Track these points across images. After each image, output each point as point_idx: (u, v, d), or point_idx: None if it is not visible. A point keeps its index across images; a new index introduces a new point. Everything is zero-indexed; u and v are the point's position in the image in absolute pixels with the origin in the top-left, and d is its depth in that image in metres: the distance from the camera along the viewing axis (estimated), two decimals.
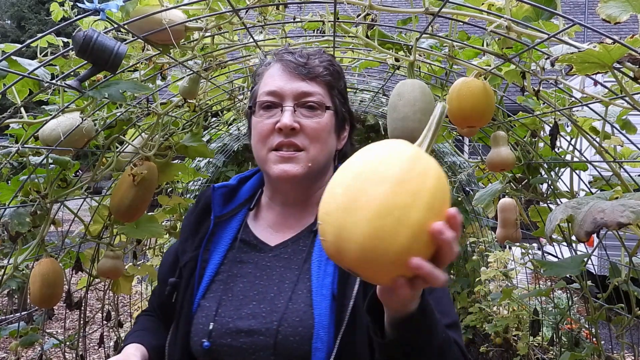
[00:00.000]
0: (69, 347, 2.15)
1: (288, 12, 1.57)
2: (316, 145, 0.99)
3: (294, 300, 0.93)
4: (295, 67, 1.01)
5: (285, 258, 1.02)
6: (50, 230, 1.70)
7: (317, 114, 1.00)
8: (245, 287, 0.99)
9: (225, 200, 1.10)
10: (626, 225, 0.89)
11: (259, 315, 0.94)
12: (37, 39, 1.38)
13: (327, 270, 0.94)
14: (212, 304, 0.98)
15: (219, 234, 1.07)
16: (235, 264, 1.03)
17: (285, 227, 1.06)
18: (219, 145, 3.85)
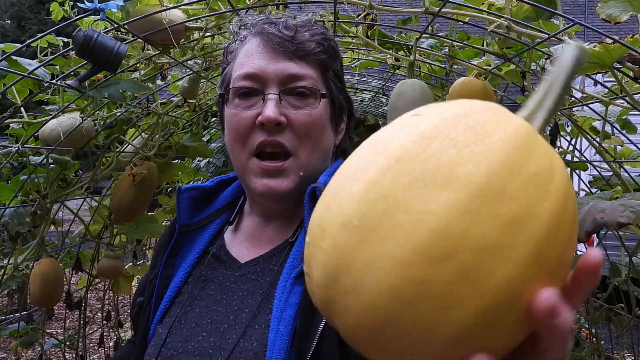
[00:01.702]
0: (69, 347, 2.16)
1: (288, 12, 1.57)
2: (307, 145, 0.77)
3: (247, 337, 0.72)
4: (280, 43, 0.78)
5: (252, 279, 0.80)
6: (50, 230, 1.70)
7: (309, 104, 0.77)
8: (202, 312, 0.79)
9: (196, 206, 0.89)
10: (626, 225, 0.89)
11: (205, 352, 0.74)
12: (37, 39, 1.38)
13: (290, 300, 0.70)
14: (164, 331, 0.79)
15: (187, 247, 0.87)
16: (199, 283, 0.83)
17: (264, 241, 0.84)
18: (219, 145, 3.85)
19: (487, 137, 0.33)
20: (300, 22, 0.83)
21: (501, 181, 0.31)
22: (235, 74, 0.80)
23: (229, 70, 0.83)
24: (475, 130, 0.33)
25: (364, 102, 3.21)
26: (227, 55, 0.87)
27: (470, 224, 0.30)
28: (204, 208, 0.89)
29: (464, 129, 0.33)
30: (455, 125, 0.34)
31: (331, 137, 0.84)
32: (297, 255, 0.75)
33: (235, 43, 0.85)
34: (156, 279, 0.85)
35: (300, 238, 0.78)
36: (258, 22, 0.84)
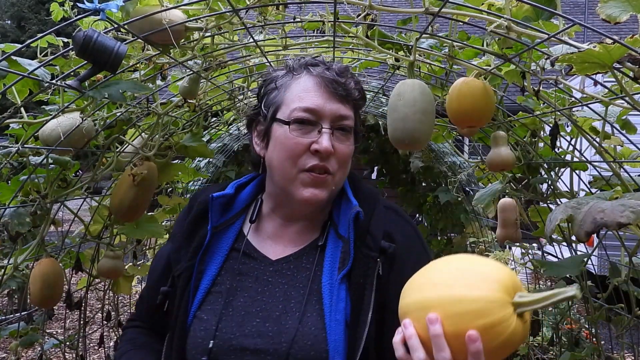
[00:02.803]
0: (69, 347, 2.16)
1: (288, 12, 1.57)
2: (342, 169, 0.98)
3: (304, 323, 0.90)
4: (336, 87, 0.95)
5: (288, 274, 0.97)
6: (50, 230, 1.70)
7: (349, 138, 0.98)
8: (247, 302, 0.95)
9: (222, 209, 1.03)
10: (626, 225, 0.89)
11: (265, 334, 0.91)
12: (37, 39, 1.38)
13: (340, 295, 0.91)
14: (210, 317, 0.94)
15: (215, 244, 1.01)
16: (234, 276, 0.98)
17: (286, 240, 1.02)
18: (219, 145, 3.85)
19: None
20: (343, 68, 1.00)
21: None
22: (295, 104, 0.95)
23: (283, 98, 0.98)
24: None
25: None
26: (275, 82, 1.01)
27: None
28: (227, 211, 1.04)
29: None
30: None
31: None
32: (335, 257, 0.96)
33: (287, 75, 1.00)
34: (188, 272, 0.98)
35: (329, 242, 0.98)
36: (310, 62, 1.00)
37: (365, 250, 0.94)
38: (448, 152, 3.68)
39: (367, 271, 0.93)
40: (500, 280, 0.69)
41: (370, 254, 0.94)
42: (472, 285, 0.69)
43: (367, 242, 0.95)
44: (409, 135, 1.34)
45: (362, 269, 0.93)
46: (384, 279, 0.93)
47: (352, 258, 0.93)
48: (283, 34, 1.67)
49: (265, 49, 1.76)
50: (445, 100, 1.48)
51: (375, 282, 0.92)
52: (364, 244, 0.95)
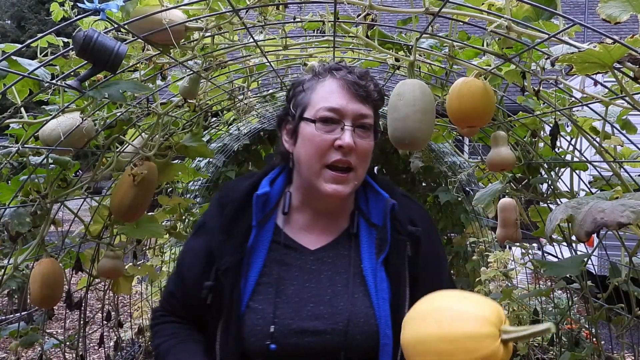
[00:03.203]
0: (69, 347, 2.16)
1: (288, 12, 1.57)
2: (363, 164, 1.06)
3: (354, 303, 1.03)
4: (357, 89, 1.04)
5: (329, 262, 1.09)
6: (50, 230, 1.70)
7: (369, 135, 1.06)
8: (297, 289, 1.05)
9: (264, 205, 1.11)
10: (626, 225, 0.89)
11: (321, 316, 1.01)
12: (37, 39, 1.38)
13: (381, 276, 1.05)
14: (264, 306, 1.02)
15: (257, 238, 1.09)
16: (279, 266, 1.07)
17: (318, 230, 1.12)
18: (219, 145, 3.85)
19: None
20: (364, 72, 1.08)
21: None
22: (320, 105, 1.05)
23: (309, 99, 1.07)
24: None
25: None
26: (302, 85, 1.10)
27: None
28: (265, 206, 1.12)
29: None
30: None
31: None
32: (371, 243, 1.09)
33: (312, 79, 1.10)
34: (235, 266, 1.05)
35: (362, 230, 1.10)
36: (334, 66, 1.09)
37: (397, 235, 1.08)
38: (448, 152, 3.68)
39: (400, 253, 1.07)
40: (487, 317, 0.76)
41: (401, 237, 1.08)
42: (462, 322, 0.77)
43: (397, 228, 1.08)
44: (409, 135, 1.34)
45: (397, 252, 1.07)
46: (412, 258, 1.08)
47: (390, 244, 1.07)
48: (283, 34, 1.67)
49: (265, 49, 1.76)
50: (445, 100, 1.48)
51: (406, 262, 1.07)
52: (394, 229, 1.08)
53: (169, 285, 1.21)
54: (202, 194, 4.12)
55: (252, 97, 2.62)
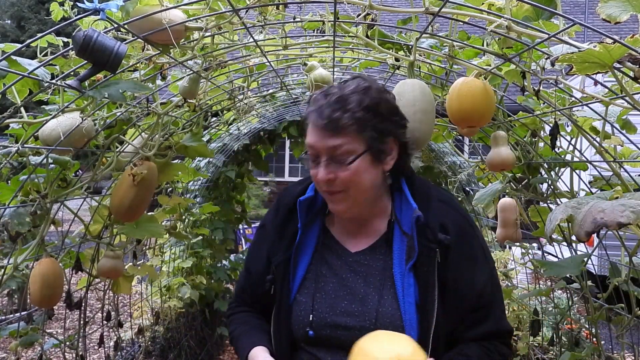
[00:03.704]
0: (69, 347, 2.15)
1: (288, 12, 1.57)
2: (352, 188, 1.12)
3: (382, 304, 1.12)
4: (322, 125, 1.09)
5: (365, 264, 1.18)
6: (50, 230, 1.70)
7: (347, 164, 1.10)
8: (335, 287, 1.17)
9: (308, 209, 1.23)
10: (626, 225, 0.89)
11: (353, 314, 1.13)
12: (37, 39, 1.38)
13: (409, 281, 1.12)
14: (307, 299, 1.18)
15: (305, 238, 1.23)
16: (323, 265, 1.21)
17: (359, 233, 1.22)
18: (219, 145, 3.84)
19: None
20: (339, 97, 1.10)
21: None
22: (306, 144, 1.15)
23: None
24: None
25: None
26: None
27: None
28: (311, 209, 1.24)
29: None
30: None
31: (375, 173, 1.14)
32: (402, 250, 1.15)
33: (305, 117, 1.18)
34: (285, 263, 1.20)
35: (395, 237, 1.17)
36: (310, 108, 1.14)
37: (426, 243, 1.12)
38: (448, 152, 3.68)
39: (429, 260, 1.12)
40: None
41: (430, 245, 1.12)
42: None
43: (427, 235, 1.13)
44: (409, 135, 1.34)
45: (425, 259, 1.12)
46: (442, 264, 1.12)
47: (417, 252, 1.12)
48: (283, 34, 1.67)
49: (265, 49, 1.76)
50: (445, 100, 1.48)
51: (436, 268, 1.11)
52: (424, 237, 1.13)
53: (240, 280, 1.40)
54: (202, 194, 4.12)
55: (252, 97, 2.62)
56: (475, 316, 1.16)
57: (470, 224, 1.21)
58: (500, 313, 1.19)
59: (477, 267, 1.17)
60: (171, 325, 3.69)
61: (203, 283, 3.95)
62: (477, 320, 1.16)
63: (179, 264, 3.83)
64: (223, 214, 4.36)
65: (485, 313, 1.16)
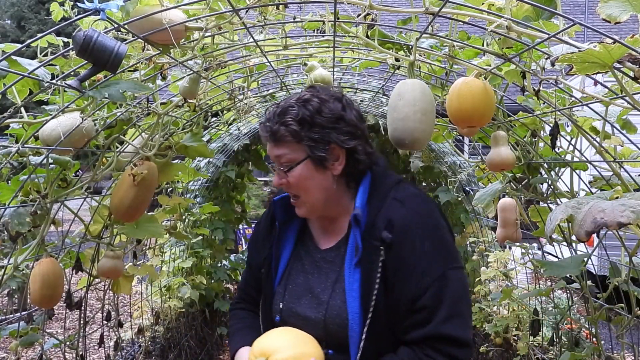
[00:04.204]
0: (69, 347, 2.15)
1: (288, 12, 1.57)
2: (302, 191, 1.23)
3: (333, 297, 1.21)
4: (267, 138, 1.24)
5: (330, 261, 1.28)
6: (50, 230, 1.70)
7: (291, 170, 1.21)
8: (304, 281, 1.29)
9: (285, 208, 1.32)
10: (626, 225, 0.89)
11: (311, 305, 1.24)
12: (37, 39, 1.38)
13: (355, 277, 1.18)
14: (282, 290, 1.31)
15: (286, 234, 1.35)
16: (298, 260, 1.33)
17: (330, 232, 1.32)
18: (219, 145, 3.85)
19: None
20: (281, 110, 1.22)
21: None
22: None
23: None
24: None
25: (364, 102, 3.21)
26: None
27: None
28: (290, 208, 1.31)
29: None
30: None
31: (321, 177, 1.23)
32: (352, 248, 1.20)
33: None
34: (270, 257, 1.33)
35: (350, 235, 1.21)
36: (260, 123, 1.29)
37: (371, 240, 1.17)
38: (448, 152, 3.68)
39: (373, 257, 1.16)
40: (253, 349, 1.15)
41: (374, 243, 1.17)
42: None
43: (374, 234, 1.18)
44: (409, 135, 1.34)
45: (369, 256, 1.17)
46: (387, 262, 1.15)
47: (361, 248, 1.18)
48: (283, 34, 1.67)
49: (265, 49, 1.76)
50: (445, 100, 1.48)
51: (380, 265, 1.15)
52: (371, 235, 1.18)
53: (243, 275, 1.52)
54: (202, 194, 4.12)
55: (252, 97, 2.62)
56: (415, 317, 1.13)
57: (420, 222, 1.18)
58: (446, 317, 1.11)
59: (419, 264, 1.13)
60: (171, 325, 3.69)
61: (203, 283, 3.95)
62: (417, 323, 1.12)
63: (179, 264, 3.83)
64: (223, 214, 4.36)
65: (427, 315, 1.11)
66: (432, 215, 1.22)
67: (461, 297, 1.16)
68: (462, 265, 1.21)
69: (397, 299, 1.14)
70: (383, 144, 4.58)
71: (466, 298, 1.19)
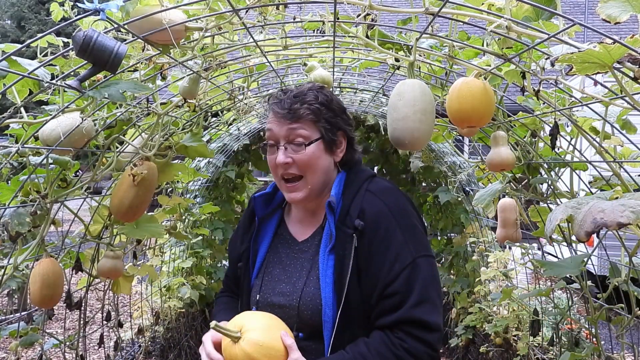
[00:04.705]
0: (69, 347, 2.15)
1: (288, 12, 1.57)
2: (309, 170, 1.27)
3: (307, 284, 1.25)
4: (283, 115, 1.26)
5: (305, 251, 1.33)
6: (50, 230, 1.70)
7: (303, 148, 1.25)
8: (280, 272, 1.33)
9: (265, 204, 1.40)
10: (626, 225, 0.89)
11: (285, 294, 1.28)
12: (37, 39, 1.38)
13: (329, 263, 1.23)
14: (258, 282, 1.35)
15: (264, 229, 1.41)
16: (275, 253, 1.37)
17: (307, 222, 1.37)
18: (219, 145, 3.85)
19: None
20: (297, 93, 1.28)
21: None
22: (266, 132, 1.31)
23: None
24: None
25: (364, 102, 3.21)
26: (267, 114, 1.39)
27: None
28: (269, 204, 1.42)
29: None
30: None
31: (328, 159, 1.31)
32: (327, 235, 1.26)
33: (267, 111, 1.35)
34: (248, 251, 1.39)
35: (326, 224, 1.26)
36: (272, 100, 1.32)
37: (344, 228, 1.23)
38: (448, 152, 3.68)
39: (346, 244, 1.22)
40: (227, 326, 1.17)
41: (347, 230, 1.23)
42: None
43: (346, 222, 1.23)
44: (409, 135, 1.34)
45: (342, 243, 1.22)
46: (359, 249, 1.20)
47: (335, 236, 1.23)
48: (283, 34, 1.67)
49: (265, 49, 1.76)
50: (445, 100, 1.48)
51: (353, 253, 1.20)
52: (344, 223, 1.24)
53: (226, 272, 1.60)
54: (202, 194, 4.12)
55: (252, 97, 2.62)
56: (387, 302, 1.17)
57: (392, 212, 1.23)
58: (416, 302, 1.15)
59: (389, 252, 1.19)
60: (171, 325, 3.69)
61: (203, 283, 3.95)
62: (390, 308, 1.17)
63: (179, 264, 3.83)
64: (223, 214, 4.36)
65: (399, 300, 1.16)
66: (404, 206, 1.27)
67: (431, 282, 1.20)
68: (432, 254, 1.26)
69: (369, 285, 1.19)
70: (383, 144, 4.58)
71: (436, 284, 1.22)
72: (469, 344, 3.75)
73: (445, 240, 4.30)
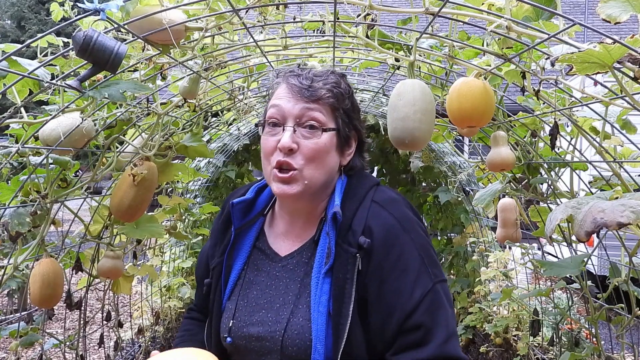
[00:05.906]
0: (69, 347, 2.15)
1: (288, 12, 1.57)
2: (311, 164, 1.03)
3: (295, 314, 1.01)
4: (299, 90, 1.04)
5: (290, 269, 1.09)
6: (50, 230, 1.70)
7: (316, 135, 1.03)
8: (258, 295, 1.09)
9: (244, 213, 1.16)
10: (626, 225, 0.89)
11: (266, 323, 1.04)
12: (37, 39, 1.38)
13: (324, 289, 0.99)
14: (232, 306, 1.10)
15: (240, 242, 1.15)
16: (253, 270, 1.13)
17: (294, 236, 1.13)
18: (219, 145, 3.85)
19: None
20: (319, 72, 1.08)
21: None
22: (268, 108, 1.07)
23: (267, 106, 1.10)
24: None
25: (364, 102, 3.21)
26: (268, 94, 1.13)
27: None
28: (249, 212, 1.17)
29: None
30: None
31: (336, 159, 1.09)
32: (323, 253, 1.02)
33: (272, 85, 1.11)
34: (220, 266, 1.13)
35: (322, 238, 1.04)
36: (287, 72, 1.09)
37: (346, 246, 1.00)
38: (448, 152, 3.68)
39: (347, 266, 0.99)
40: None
41: (350, 249, 1.00)
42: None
43: (348, 238, 1.01)
44: (409, 135, 1.34)
45: (343, 264, 0.99)
46: (363, 273, 0.99)
47: (334, 254, 1.00)
48: (283, 34, 1.67)
49: (265, 49, 1.76)
50: (445, 100, 1.48)
51: (355, 277, 0.98)
52: (345, 240, 1.01)
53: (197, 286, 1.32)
54: (202, 194, 4.12)
55: (252, 97, 2.62)
56: (410, 338, 0.95)
57: (406, 228, 1.02)
58: (446, 337, 0.95)
59: (407, 276, 0.97)
60: (171, 325, 3.69)
61: None
62: (412, 344, 0.95)
63: (179, 264, 3.83)
64: None
65: (423, 334, 0.94)
66: (416, 222, 1.06)
67: (452, 313, 1.02)
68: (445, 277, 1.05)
69: (381, 316, 0.97)
70: (383, 144, 4.58)
71: (454, 314, 1.03)
72: (469, 344, 3.75)
73: (445, 240, 4.30)
